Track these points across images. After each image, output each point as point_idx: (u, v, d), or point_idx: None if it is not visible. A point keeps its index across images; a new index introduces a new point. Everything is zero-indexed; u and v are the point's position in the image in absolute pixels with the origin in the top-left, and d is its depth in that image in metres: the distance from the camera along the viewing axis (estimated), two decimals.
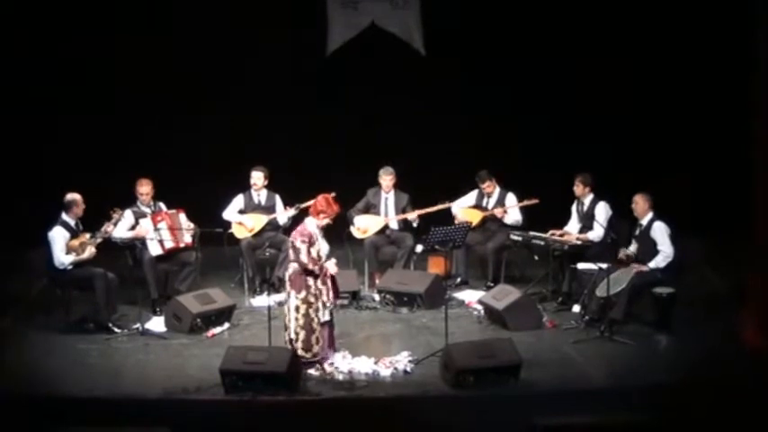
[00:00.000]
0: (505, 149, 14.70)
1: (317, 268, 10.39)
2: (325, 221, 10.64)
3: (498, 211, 13.25)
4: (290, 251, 10.53)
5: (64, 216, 11.74)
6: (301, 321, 10.43)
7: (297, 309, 10.43)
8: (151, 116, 14.86)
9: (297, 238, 10.44)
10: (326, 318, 10.58)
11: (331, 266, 10.53)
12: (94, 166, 14.45)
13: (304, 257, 10.37)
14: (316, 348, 10.48)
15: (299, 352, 10.40)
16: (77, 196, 11.83)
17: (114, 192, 12.62)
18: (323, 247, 10.58)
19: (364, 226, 13.39)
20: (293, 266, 10.48)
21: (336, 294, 10.75)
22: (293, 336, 10.45)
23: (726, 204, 14.10)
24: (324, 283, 10.50)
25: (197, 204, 13.04)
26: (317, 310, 10.46)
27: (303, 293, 10.42)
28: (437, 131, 15.26)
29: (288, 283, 10.50)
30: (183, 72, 14.82)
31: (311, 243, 10.42)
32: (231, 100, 15.05)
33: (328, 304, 10.55)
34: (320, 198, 10.72)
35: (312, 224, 10.56)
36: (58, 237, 11.62)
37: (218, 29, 14.92)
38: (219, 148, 14.98)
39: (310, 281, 10.42)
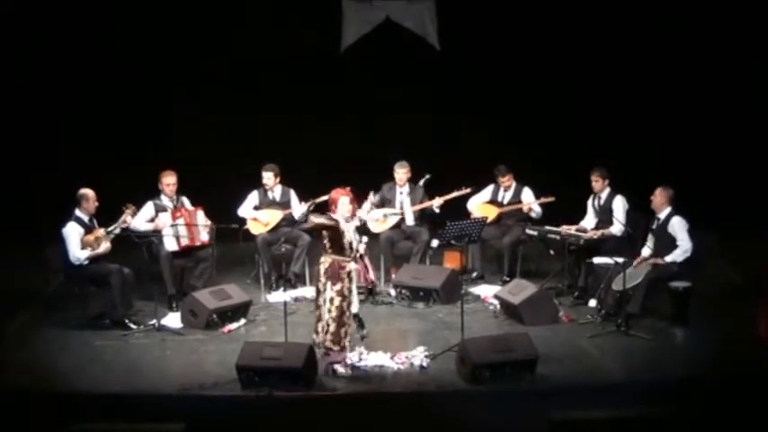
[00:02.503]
0: (517, 145, 14.68)
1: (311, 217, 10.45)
2: (345, 208, 10.57)
3: (525, 207, 13.23)
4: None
5: (77, 212, 11.76)
6: (334, 313, 10.41)
7: (331, 300, 10.41)
8: (166, 113, 14.89)
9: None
10: (356, 310, 10.67)
11: (360, 247, 10.56)
12: (110, 163, 14.48)
13: (313, 218, 10.53)
14: (344, 342, 10.47)
15: (328, 344, 10.40)
16: (89, 191, 11.84)
17: (129, 189, 12.61)
18: (354, 238, 10.59)
19: (382, 217, 13.39)
20: (328, 259, 10.47)
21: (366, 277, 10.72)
22: (325, 327, 10.42)
23: (741, 197, 14.10)
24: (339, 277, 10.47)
25: (212, 200, 13.05)
26: (349, 304, 10.49)
27: (339, 285, 10.41)
28: (451, 126, 15.28)
29: (323, 275, 10.45)
30: (198, 69, 14.87)
31: (329, 217, 10.44)
32: (247, 96, 15.08)
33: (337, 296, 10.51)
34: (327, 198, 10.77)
35: (339, 216, 10.55)
36: (72, 232, 11.64)
37: (233, 24, 14.96)
38: (234, 144, 15.02)
39: (343, 274, 10.41)
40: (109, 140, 14.89)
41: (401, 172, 13.41)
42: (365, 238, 10.65)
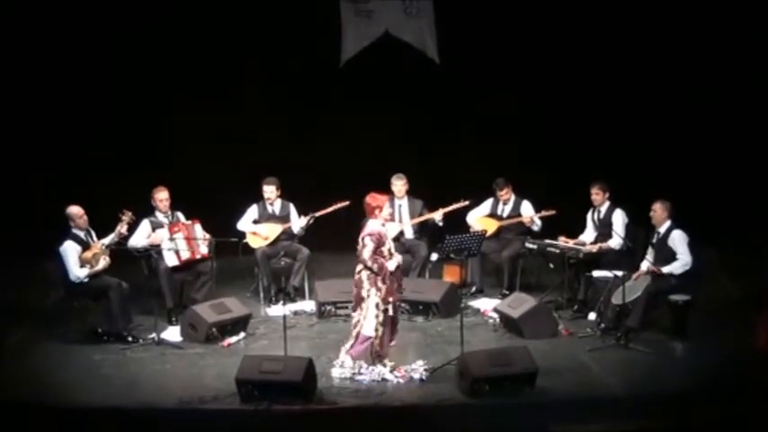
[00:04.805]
0: (517, 158, 14.70)
1: (376, 266, 10.42)
2: (386, 213, 10.65)
3: (527, 220, 13.21)
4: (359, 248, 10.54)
5: (72, 229, 11.75)
6: (381, 318, 10.50)
7: (377, 306, 10.48)
8: (165, 126, 14.89)
9: (366, 236, 10.45)
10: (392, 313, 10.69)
11: (391, 264, 10.53)
12: (109, 176, 14.51)
13: (367, 254, 10.41)
14: (395, 339, 10.71)
15: (377, 348, 10.52)
16: (73, 209, 11.78)
17: (129, 202, 12.59)
18: (391, 243, 10.68)
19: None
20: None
21: (395, 291, 10.66)
22: (372, 333, 10.48)
23: (741, 210, 14.11)
24: (383, 281, 10.50)
25: (211, 215, 13.05)
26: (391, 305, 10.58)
27: (384, 289, 10.48)
28: (450, 139, 15.31)
29: (367, 282, 10.48)
30: (197, 82, 14.87)
31: (380, 243, 10.46)
32: (245, 109, 15.08)
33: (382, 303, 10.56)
34: (366, 199, 10.68)
35: (376, 224, 10.57)
36: (69, 250, 11.62)
37: (235, 38, 14.98)
38: (233, 157, 15.02)
39: (386, 279, 10.46)
40: (106, 152, 14.89)
41: (399, 184, 13.39)
42: (398, 256, 10.71)
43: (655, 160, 14.90)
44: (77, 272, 11.62)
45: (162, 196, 12.59)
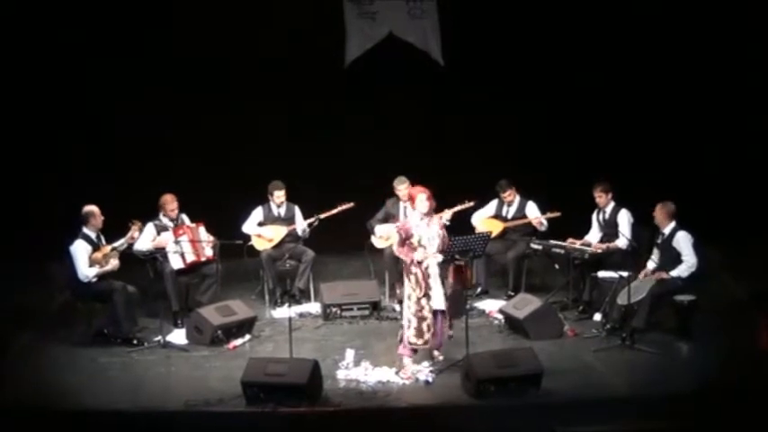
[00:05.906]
0: (521, 159, 14.70)
1: (404, 257, 10.64)
2: (425, 203, 10.74)
3: (535, 221, 13.18)
4: None
5: (84, 229, 11.78)
6: (413, 309, 10.62)
7: (409, 296, 10.64)
8: (168, 128, 14.89)
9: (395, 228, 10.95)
10: (440, 306, 10.75)
11: (417, 254, 10.64)
12: (113, 178, 14.52)
13: (395, 247, 10.82)
14: (426, 336, 10.68)
15: (412, 339, 10.63)
16: (94, 208, 11.88)
17: (134, 205, 12.64)
18: (424, 234, 10.71)
19: (386, 233, 13.32)
20: (405, 258, 10.69)
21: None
22: (406, 323, 10.65)
23: (744, 211, 14.10)
24: (412, 272, 10.66)
25: (216, 217, 13.06)
26: (428, 298, 10.63)
27: (414, 281, 10.63)
28: (452, 140, 15.32)
29: (404, 273, 10.73)
30: (199, 83, 14.87)
31: (408, 235, 10.62)
32: (249, 110, 15.08)
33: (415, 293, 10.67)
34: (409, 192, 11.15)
35: (413, 217, 10.80)
36: (80, 250, 11.66)
37: (238, 39, 14.98)
38: (237, 159, 15.02)
39: (414, 269, 10.57)
40: (109, 157, 14.90)
41: (401, 188, 13.33)
42: (435, 256, 10.79)
43: (658, 160, 14.89)
44: (86, 271, 11.65)
45: (170, 207, 12.60)
